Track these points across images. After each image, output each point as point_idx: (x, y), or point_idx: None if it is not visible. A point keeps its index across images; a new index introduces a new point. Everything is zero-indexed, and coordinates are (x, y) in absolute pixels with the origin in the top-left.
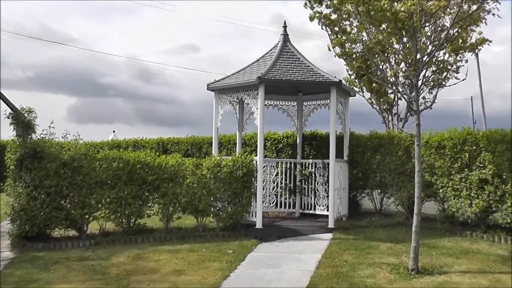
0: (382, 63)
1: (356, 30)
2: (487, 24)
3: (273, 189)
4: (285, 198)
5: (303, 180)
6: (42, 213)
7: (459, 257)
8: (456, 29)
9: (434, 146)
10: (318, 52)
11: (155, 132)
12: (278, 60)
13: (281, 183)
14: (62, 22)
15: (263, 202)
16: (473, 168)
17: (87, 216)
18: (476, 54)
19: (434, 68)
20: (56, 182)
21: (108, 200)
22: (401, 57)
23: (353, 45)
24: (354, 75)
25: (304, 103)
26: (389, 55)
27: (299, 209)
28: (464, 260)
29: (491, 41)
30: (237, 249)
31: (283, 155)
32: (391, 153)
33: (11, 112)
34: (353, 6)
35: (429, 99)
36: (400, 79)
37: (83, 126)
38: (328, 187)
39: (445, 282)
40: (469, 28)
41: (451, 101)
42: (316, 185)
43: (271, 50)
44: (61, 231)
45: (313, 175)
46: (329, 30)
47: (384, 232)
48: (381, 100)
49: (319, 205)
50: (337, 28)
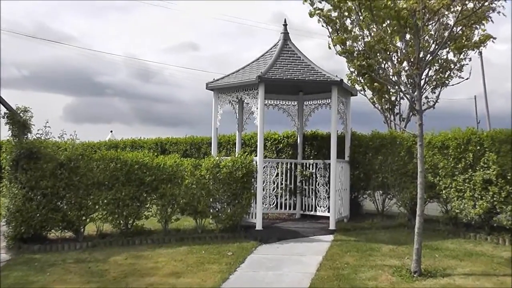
0: (384, 62)
1: (357, 28)
2: (493, 22)
3: (273, 190)
4: (286, 199)
5: (303, 181)
6: (38, 215)
7: (462, 259)
8: (460, 28)
9: (437, 146)
10: (319, 50)
11: (154, 132)
12: (279, 59)
13: (282, 184)
14: (59, 20)
15: (263, 203)
16: (477, 168)
17: (84, 218)
18: (480, 53)
19: (437, 66)
20: (53, 183)
21: (105, 201)
22: (403, 56)
23: (354, 43)
24: (356, 73)
25: (304, 103)
26: (391, 54)
27: (299, 210)
28: (468, 262)
29: (495, 38)
30: (236, 251)
31: (284, 156)
32: (393, 153)
33: (6, 111)
34: (355, 3)
35: (432, 98)
36: (402, 78)
37: (80, 126)
38: (329, 188)
39: (448, 284)
40: (474, 26)
41: (455, 101)
42: (317, 186)
43: (271, 48)
44: (58, 232)
45: (314, 175)
46: (330, 28)
47: (386, 233)
48: (383, 99)
49: (320, 206)
50: (338, 25)
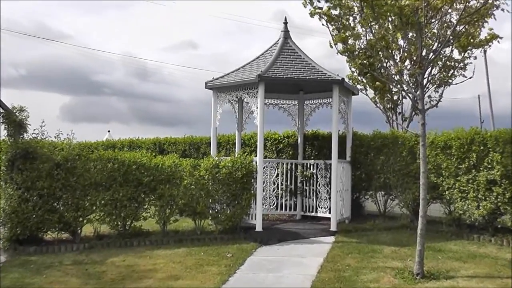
0: (386, 60)
1: (359, 26)
2: (496, 19)
3: (273, 191)
4: (286, 200)
5: (304, 182)
6: (34, 216)
7: (466, 261)
8: (463, 25)
9: (440, 146)
10: (321, 49)
11: (152, 132)
12: (279, 57)
13: (282, 184)
14: (56, 19)
15: (263, 204)
16: (481, 169)
17: (81, 219)
18: (484, 51)
19: (440, 65)
20: (49, 184)
21: (102, 202)
22: (406, 54)
23: (356, 41)
24: (357, 72)
25: (305, 102)
26: (393, 52)
27: (300, 211)
28: (471, 264)
29: (501, 38)
30: (236, 253)
31: (284, 156)
32: (396, 153)
33: (2, 111)
34: (356, 1)
35: (435, 97)
36: (405, 77)
37: (76, 126)
38: (330, 188)
39: (451, 287)
40: (477, 23)
41: (458, 100)
42: (317, 186)
43: (271, 47)
44: (54, 234)
45: (314, 176)
46: (331, 26)
47: (388, 235)
48: (385, 98)
49: (321, 207)
50: (339, 23)
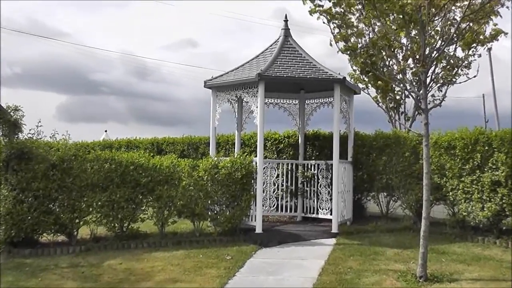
0: (388, 59)
1: (361, 24)
2: (502, 16)
3: (273, 192)
4: (286, 201)
5: (305, 182)
6: (29, 218)
7: (470, 264)
8: (467, 23)
9: (443, 147)
10: (322, 47)
11: (150, 131)
12: (279, 56)
13: (282, 185)
14: (52, 16)
15: (263, 206)
16: (485, 169)
17: (77, 221)
18: (489, 49)
19: (444, 63)
20: (45, 185)
21: (99, 203)
22: (408, 53)
23: (358, 39)
24: (359, 71)
25: (306, 101)
26: (396, 50)
27: (301, 212)
28: (476, 267)
29: (507, 33)
30: (235, 255)
31: (284, 156)
32: (398, 153)
33: None
34: None
35: (438, 96)
36: (408, 76)
37: (73, 125)
38: (331, 189)
39: None
40: (482, 21)
41: (462, 99)
42: (319, 187)
43: (271, 45)
44: (50, 236)
45: (315, 177)
46: (332, 24)
47: (390, 237)
48: (388, 98)
49: (322, 209)
50: (339, 21)
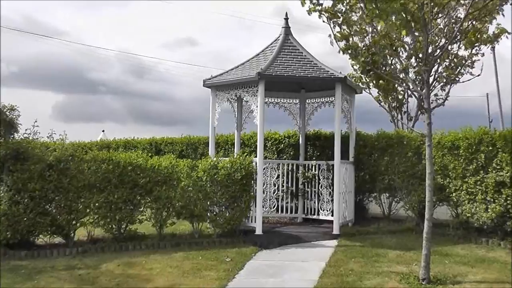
0: (390, 58)
1: (363, 22)
2: (504, 15)
3: (274, 193)
4: (287, 202)
5: (306, 183)
6: (25, 219)
7: (474, 266)
8: (471, 21)
9: (447, 147)
10: (323, 46)
11: (148, 131)
12: (280, 54)
13: (283, 186)
14: (49, 14)
15: (263, 207)
16: (489, 170)
17: (74, 222)
18: (493, 48)
19: (447, 62)
20: (41, 185)
21: (97, 204)
22: (411, 51)
23: (360, 36)
24: (360, 70)
25: (307, 101)
26: (398, 49)
27: (301, 214)
28: (480, 269)
29: (510, 33)
30: (235, 257)
31: (285, 156)
32: (401, 154)
33: None
34: None
35: (442, 96)
36: (410, 75)
37: (70, 125)
38: (332, 190)
39: None
40: (485, 19)
41: (466, 99)
42: (320, 188)
43: (271, 44)
44: (46, 238)
45: (316, 177)
46: (332, 23)
47: (393, 238)
48: (390, 98)
49: (323, 210)
50: (340, 20)
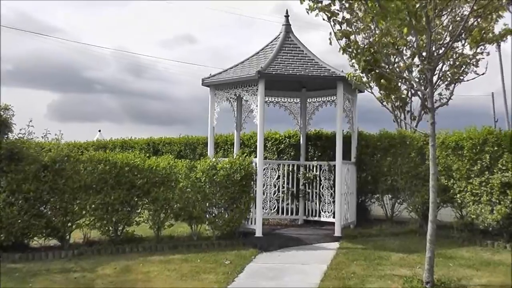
0: (393, 56)
1: (367, 19)
2: (511, 12)
3: (274, 194)
4: (287, 204)
5: (307, 184)
6: (19, 221)
7: (479, 269)
8: (475, 19)
9: (451, 147)
10: (325, 44)
11: (145, 131)
12: (280, 52)
13: (283, 187)
14: (44, 11)
15: (263, 208)
16: (495, 171)
17: (69, 224)
18: (498, 46)
19: (451, 61)
20: (36, 187)
21: (93, 206)
22: (414, 50)
23: (362, 34)
24: (361, 69)
25: (308, 100)
26: (400, 48)
27: (302, 215)
28: (485, 272)
29: None
30: (234, 260)
31: (285, 157)
32: (404, 154)
33: None
34: None
35: (446, 95)
36: (414, 74)
37: (66, 125)
38: (334, 191)
39: None
40: (490, 17)
41: (471, 98)
42: (321, 189)
43: (272, 42)
44: (41, 240)
45: (317, 178)
46: (332, 21)
47: (395, 241)
48: (393, 97)
49: (325, 212)
50: (340, 18)
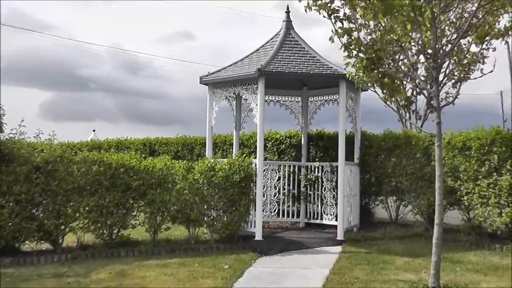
0: (397, 54)
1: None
2: None
3: (274, 196)
4: (288, 206)
5: (308, 186)
6: (10, 224)
7: (487, 274)
8: (482, 14)
9: (457, 147)
10: (327, 41)
11: (141, 131)
12: (281, 50)
13: (284, 189)
14: (37, 7)
15: (263, 211)
16: (503, 172)
17: (62, 227)
18: (507, 43)
19: (456, 59)
20: (27, 188)
21: (87, 208)
22: (419, 47)
23: (364, 30)
24: (363, 68)
25: (309, 99)
26: (405, 45)
27: (303, 218)
28: (493, 277)
29: None
30: (233, 264)
31: (286, 158)
32: (409, 155)
33: None
34: None
35: (452, 94)
36: (419, 72)
37: (59, 125)
38: (336, 193)
39: None
40: (496, 12)
41: (478, 96)
42: (323, 191)
43: (272, 38)
44: (33, 244)
45: (319, 180)
46: (333, 18)
47: (400, 244)
48: (397, 97)
49: (327, 214)
50: (341, 15)
